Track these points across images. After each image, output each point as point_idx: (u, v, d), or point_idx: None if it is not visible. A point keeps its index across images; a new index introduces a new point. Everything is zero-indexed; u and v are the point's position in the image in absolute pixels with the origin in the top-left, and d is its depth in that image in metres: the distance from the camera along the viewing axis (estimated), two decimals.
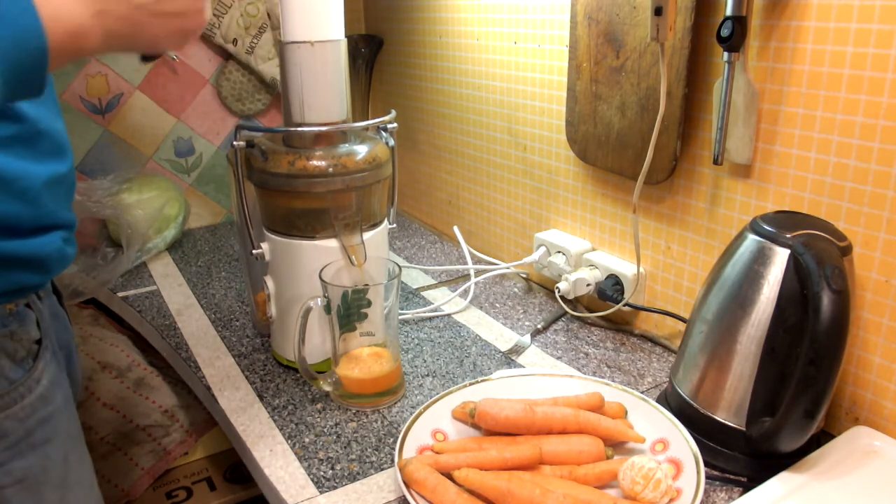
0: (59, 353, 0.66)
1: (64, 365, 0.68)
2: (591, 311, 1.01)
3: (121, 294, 1.13)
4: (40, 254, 0.60)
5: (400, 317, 1.01)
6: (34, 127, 0.58)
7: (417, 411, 0.72)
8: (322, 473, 0.69)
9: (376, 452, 0.73)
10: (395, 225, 0.91)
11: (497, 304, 1.07)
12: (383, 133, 0.85)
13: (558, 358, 0.91)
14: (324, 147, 0.79)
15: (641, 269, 0.93)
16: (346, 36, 0.79)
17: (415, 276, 1.19)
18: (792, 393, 0.60)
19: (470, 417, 0.71)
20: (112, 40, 0.47)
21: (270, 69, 1.40)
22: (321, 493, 0.67)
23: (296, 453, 0.72)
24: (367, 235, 0.81)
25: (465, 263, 1.21)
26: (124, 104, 1.33)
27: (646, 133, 0.84)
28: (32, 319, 0.61)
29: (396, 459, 0.65)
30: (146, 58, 0.56)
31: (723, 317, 0.68)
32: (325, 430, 0.76)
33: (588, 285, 0.99)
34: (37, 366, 0.60)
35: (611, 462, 0.66)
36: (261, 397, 0.82)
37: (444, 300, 1.07)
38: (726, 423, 0.68)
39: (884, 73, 0.64)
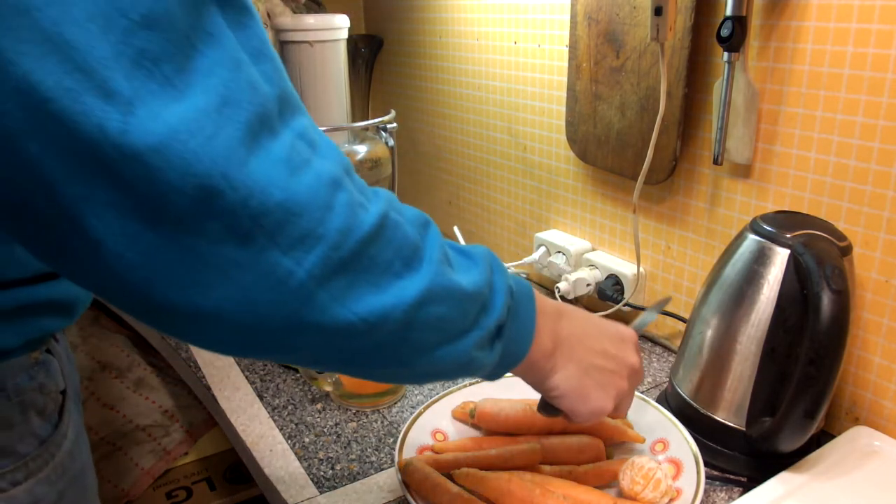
0: (77, 398, 0.60)
1: (81, 409, 0.61)
2: (591, 312, 1.01)
3: None
4: (70, 295, 0.55)
5: None
6: None
7: (417, 411, 0.72)
8: (322, 473, 0.69)
9: (376, 452, 0.73)
10: None
11: None
12: (383, 133, 0.85)
13: None
14: None
15: (641, 269, 0.93)
16: (347, 36, 0.79)
17: None
18: (792, 393, 0.60)
19: (470, 417, 0.71)
20: (563, 383, 0.53)
21: None
22: (321, 493, 0.67)
23: (296, 453, 0.72)
24: None
25: None
26: None
27: (646, 133, 0.84)
28: (57, 367, 0.55)
29: (396, 459, 0.65)
30: (549, 410, 0.57)
31: (723, 317, 0.68)
32: (325, 430, 0.76)
33: (588, 285, 0.99)
34: (63, 418, 0.54)
35: (611, 462, 0.66)
36: (261, 397, 0.82)
37: None
38: (726, 423, 0.68)
39: (884, 73, 0.64)
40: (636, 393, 0.74)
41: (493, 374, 0.51)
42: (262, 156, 0.34)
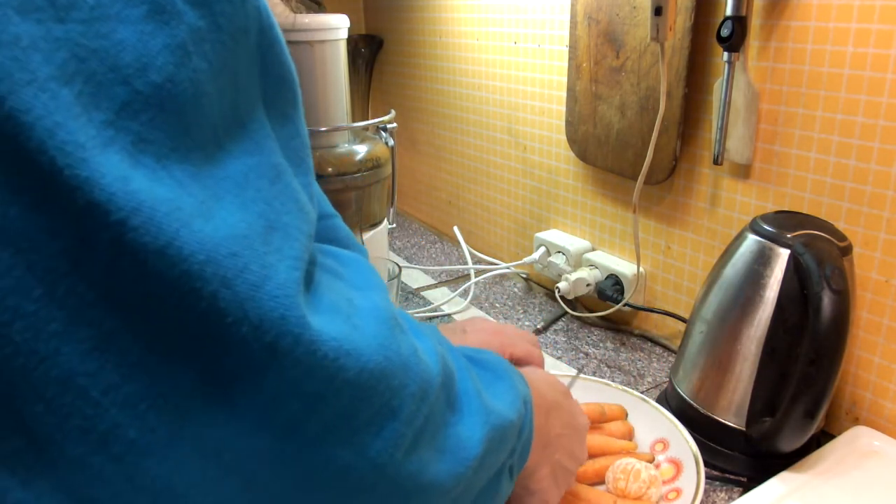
0: None
1: None
2: (591, 311, 1.01)
3: None
4: None
5: None
6: None
7: None
8: None
9: None
10: (394, 225, 0.91)
11: (497, 304, 1.07)
12: (383, 133, 0.85)
13: (558, 358, 0.91)
14: (324, 147, 0.79)
15: (641, 269, 0.93)
16: (346, 36, 0.79)
17: (415, 276, 1.19)
18: (792, 393, 0.60)
19: None
20: (535, 485, 0.47)
21: None
22: None
23: None
24: (366, 235, 0.81)
25: (465, 263, 1.21)
26: None
27: (646, 133, 0.84)
28: None
29: None
30: None
31: (723, 317, 0.68)
32: None
33: (588, 285, 0.99)
34: None
35: (609, 458, 0.66)
36: None
37: (444, 300, 1.07)
38: (726, 423, 0.68)
39: (884, 73, 0.64)
40: (636, 393, 0.75)
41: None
42: (325, 308, 0.25)
